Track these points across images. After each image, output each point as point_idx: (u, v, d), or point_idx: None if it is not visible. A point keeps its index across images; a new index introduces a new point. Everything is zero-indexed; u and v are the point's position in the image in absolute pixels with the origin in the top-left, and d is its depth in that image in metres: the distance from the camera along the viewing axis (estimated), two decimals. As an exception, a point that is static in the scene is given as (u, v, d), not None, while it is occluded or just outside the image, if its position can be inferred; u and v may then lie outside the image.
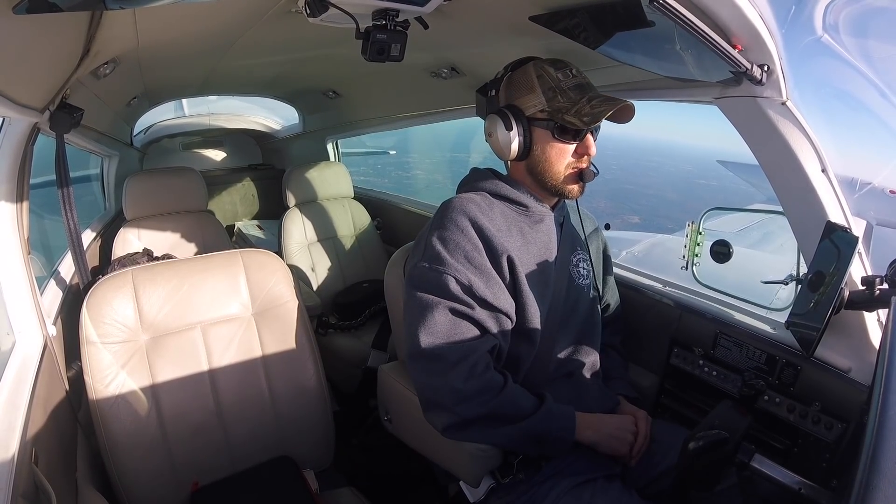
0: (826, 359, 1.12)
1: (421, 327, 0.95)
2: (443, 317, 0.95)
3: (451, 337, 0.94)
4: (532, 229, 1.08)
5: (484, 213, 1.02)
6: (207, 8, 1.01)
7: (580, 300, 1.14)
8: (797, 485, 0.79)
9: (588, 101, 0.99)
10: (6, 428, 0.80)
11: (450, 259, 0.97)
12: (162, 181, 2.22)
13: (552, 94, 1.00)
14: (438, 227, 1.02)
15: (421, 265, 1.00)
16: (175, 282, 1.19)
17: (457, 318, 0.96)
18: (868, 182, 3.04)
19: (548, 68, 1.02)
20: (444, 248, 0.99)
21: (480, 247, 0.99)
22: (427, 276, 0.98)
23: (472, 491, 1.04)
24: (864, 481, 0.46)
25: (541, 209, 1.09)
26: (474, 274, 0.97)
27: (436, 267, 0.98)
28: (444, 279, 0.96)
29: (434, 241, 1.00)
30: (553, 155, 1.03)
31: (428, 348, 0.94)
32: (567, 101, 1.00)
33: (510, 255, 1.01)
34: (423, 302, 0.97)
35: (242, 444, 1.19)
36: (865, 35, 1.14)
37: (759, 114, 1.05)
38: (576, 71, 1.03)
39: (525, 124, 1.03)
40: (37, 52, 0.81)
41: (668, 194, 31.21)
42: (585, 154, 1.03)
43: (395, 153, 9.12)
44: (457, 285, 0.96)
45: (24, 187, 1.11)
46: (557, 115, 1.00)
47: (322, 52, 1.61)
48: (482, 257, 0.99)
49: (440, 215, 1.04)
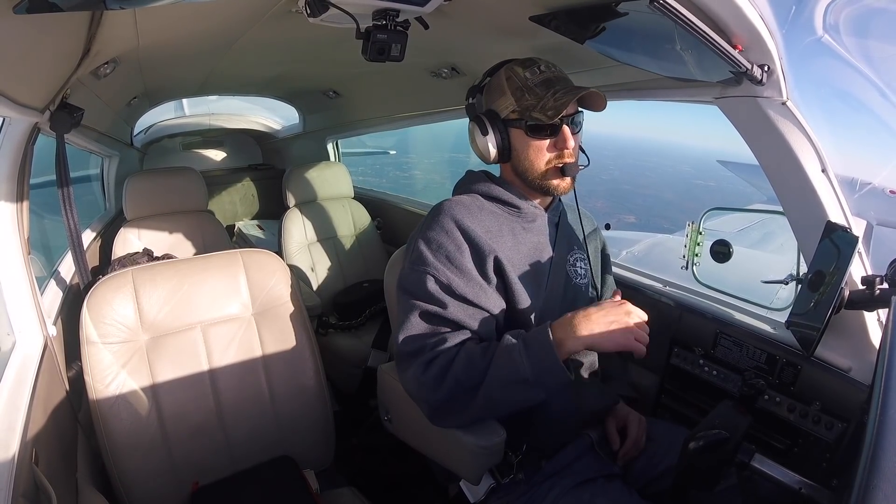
0: (826, 358, 1.12)
1: (401, 328, 0.98)
2: (417, 316, 0.98)
3: (422, 335, 0.97)
4: (524, 230, 1.08)
5: (472, 215, 1.03)
6: (207, 8, 1.01)
7: (578, 299, 1.14)
8: (797, 484, 0.80)
9: (553, 95, 0.98)
10: (6, 428, 0.80)
11: (431, 259, 0.99)
12: (162, 181, 2.22)
13: (520, 94, 1.01)
14: (425, 229, 1.04)
15: (405, 267, 1.04)
16: (175, 282, 1.19)
17: (430, 316, 0.97)
18: (868, 182, 3.04)
19: (516, 69, 1.03)
20: (427, 249, 1.01)
21: (465, 248, 1.00)
22: (409, 277, 1.01)
23: (473, 490, 1.04)
24: (864, 481, 0.46)
25: (533, 210, 1.09)
26: (454, 273, 0.98)
27: (417, 268, 1.00)
28: (423, 279, 0.98)
29: (419, 244, 1.02)
30: (531, 153, 1.03)
31: (403, 347, 0.97)
32: (534, 98, 1.00)
33: (497, 256, 1.01)
34: (404, 304, 1.00)
35: (242, 443, 1.19)
36: (866, 35, 1.14)
37: (759, 114, 1.05)
38: (544, 66, 1.03)
39: (501, 127, 1.04)
40: (37, 52, 0.81)
41: (665, 194, 31.30)
42: (564, 148, 1.02)
43: (395, 153, 9.13)
44: (435, 284, 0.97)
45: (24, 187, 1.11)
46: (526, 113, 1.00)
47: (322, 52, 1.61)
48: (464, 258, 1.00)
49: (428, 219, 1.05)
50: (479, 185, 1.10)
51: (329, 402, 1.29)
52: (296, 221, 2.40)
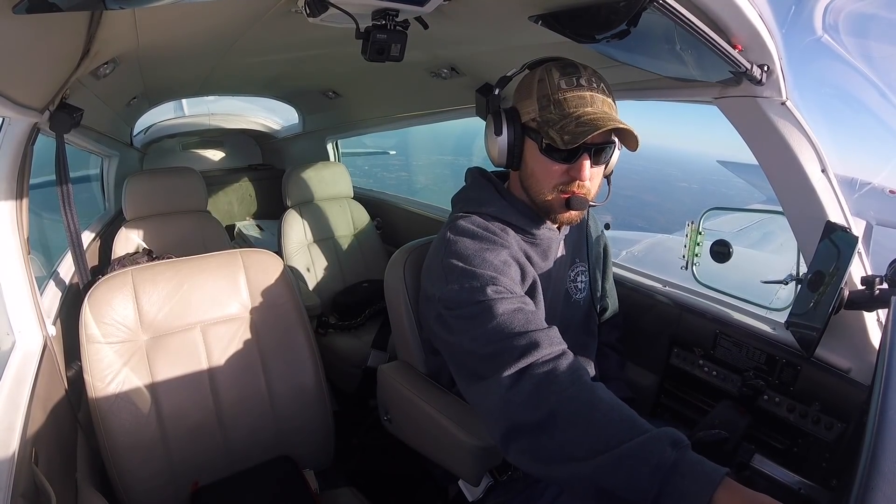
0: (826, 359, 1.12)
1: (472, 344, 0.83)
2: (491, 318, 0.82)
3: (510, 328, 0.80)
4: (539, 257, 1.03)
5: (497, 236, 0.95)
6: (207, 8, 1.01)
7: (575, 315, 1.13)
8: (797, 485, 0.80)
9: (577, 119, 0.86)
10: (6, 428, 0.80)
11: (479, 271, 0.88)
12: (162, 181, 2.22)
13: (545, 102, 0.90)
14: (452, 246, 0.93)
15: (449, 289, 0.89)
16: (175, 282, 1.19)
17: (509, 312, 0.82)
18: (868, 182, 3.04)
19: (553, 71, 0.91)
20: (466, 264, 0.89)
21: (512, 263, 0.93)
22: (459, 295, 0.87)
23: (472, 490, 1.04)
24: (863, 481, 0.46)
25: (548, 235, 1.02)
26: (507, 276, 0.89)
27: (465, 284, 0.87)
28: (477, 286, 0.85)
29: (453, 262, 0.91)
30: (539, 171, 0.93)
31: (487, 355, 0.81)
32: (558, 114, 0.88)
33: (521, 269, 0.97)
34: (463, 318, 0.85)
35: (242, 443, 1.19)
36: (865, 35, 1.14)
37: (758, 114, 1.05)
38: (585, 80, 0.90)
39: (518, 131, 0.94)
40: (37, 52, 0.81)
41: (645, 196, 31.76)
42: (577, 179, 0.90)
43: (395, 153, 9.13)
44: (493, 288, 0.85)
45: (23, 187, 1.11)
46: (544, 127, 0.89)
47: (322, 52, 1.61)
48: (512, 271, 0.92)
49: (453, 237, 0.95)
50: (489, 207, 1.00)
51: (329, 402, 1.29)
52: (295, 221, 2.40)
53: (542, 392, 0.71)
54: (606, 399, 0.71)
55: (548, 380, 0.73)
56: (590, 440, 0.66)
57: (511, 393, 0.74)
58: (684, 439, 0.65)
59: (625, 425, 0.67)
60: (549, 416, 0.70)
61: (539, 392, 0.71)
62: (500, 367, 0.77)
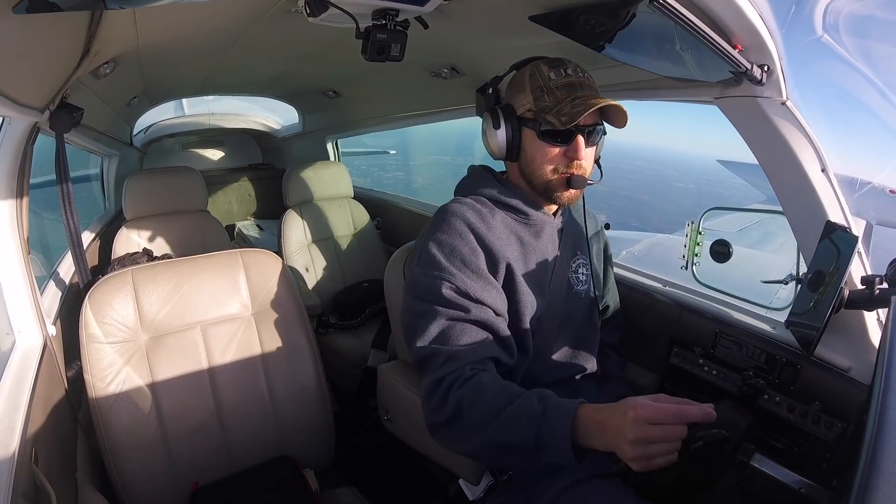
0: (826, 358, 1.12)
1: (415, 335, 0.95)
2: (433, 322, 0.93)
3: (441, 341, 0.93)
4: (532, 237, 1.06)
5: (484, 220, 1.01)
6: (207, 8, 1.01)
7: (578, 307, 1.13)
8: (797, 484, 0.80)
9: (571, 101, 0.95)
10: (6, 428, 0.80)
11: (445, 263, 0.96)
12: (162, 181, 2.22)
13: (540, 93, 0.98)
14: (435, 232, 1.00)
15: (416, 271, 0.99)
16: (175, 282, 1.19)
17: (447, 322, 0.94)
18: (868, 182, 3.04)
19: (542, 66, 0.99)
20: (440, 252, 0.97)
21: (479, 251, 0.98)
22: (423, 282, 0.97)
23: (472, 489, 1.04)
24: (863, 481, 0.46)
25: (541, 217, 1.07)
26: (471, 278, 0.96)
27: (430, 272, 0.96)
28: (438, 283, 0.95)
29: (430, 247, 0.99)
30: (539, 157, 1.00)
31: (419, 352, 0.94)
32: (552, 101, 0.96)
33: (509, 263, 1.00)
34: (416, 308, 0.96)
35: (242, 443, 1.19)
36: (865, 35, 1.14)
37: (759, 114, 1.05)
38: (572, 70, 0.99)
39: (515, 124, 1.00)
40: (37, 51, 0.81)
41: (640, 196, 32.20)
42: (574, 159, 0.98)
43: (394, 153, 9.12)
44: (451, 289, 0.94)
45: (23, 187, 1.11)
46: (541, 115, 0.97)
47: (322, 51, 1.61)
48: (480, 262, 0.97)
49: (438, 220, 1.02)
50: (486, 189, 1.07)
51: (329, 401, 1.29)
52: (295, 221, 2.39)
53: (450, 395, 0.87)
54: (489, 381, 0.86)
55: (456, 384, 0.87)
56: (484, 415, 0.83)
57: (430, 398, 0.90)
58: (548, 392, 0.81)
59: (504, 396, 0.83)
60: (456, 410, 0.86)
61: (449, 395, 0.87)
62: (426, 371, 0.93)
